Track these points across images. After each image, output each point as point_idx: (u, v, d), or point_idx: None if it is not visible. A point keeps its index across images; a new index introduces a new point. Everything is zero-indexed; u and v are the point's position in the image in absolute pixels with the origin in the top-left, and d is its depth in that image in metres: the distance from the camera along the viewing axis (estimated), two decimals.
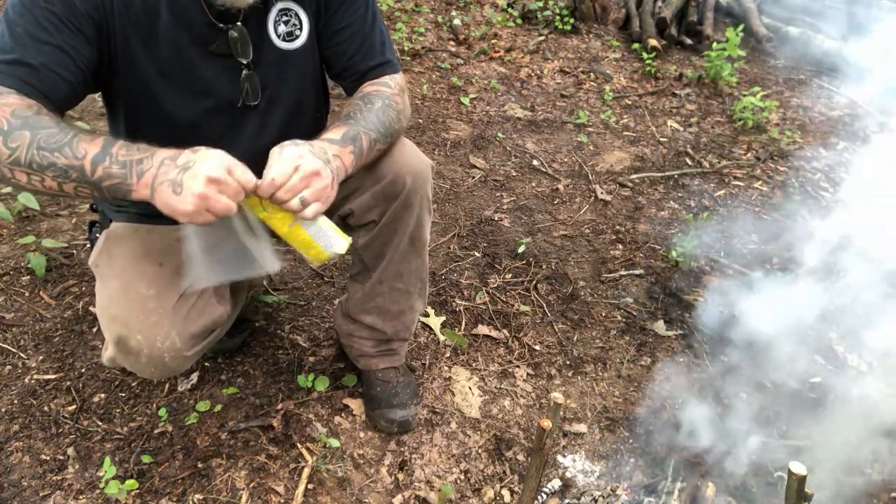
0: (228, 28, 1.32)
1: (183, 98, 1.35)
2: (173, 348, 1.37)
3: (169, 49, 1.30)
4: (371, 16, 1.47)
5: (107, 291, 1.39)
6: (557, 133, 3.47)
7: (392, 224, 1.58)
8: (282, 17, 1.38)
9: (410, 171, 1.53)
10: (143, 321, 1.35)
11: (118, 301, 1.36)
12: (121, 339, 1.36)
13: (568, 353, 2.16)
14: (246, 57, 1.36)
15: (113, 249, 1.44)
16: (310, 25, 1.41)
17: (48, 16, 1.18)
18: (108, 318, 1.37)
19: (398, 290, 1.72)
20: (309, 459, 1.71)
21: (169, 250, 1.44)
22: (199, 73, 1.34)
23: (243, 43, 1.34)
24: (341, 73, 1.51)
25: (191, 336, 1.40)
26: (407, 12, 4.38)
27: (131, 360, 1.40)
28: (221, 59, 1.34)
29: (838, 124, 3.83)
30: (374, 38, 1.47)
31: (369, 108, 1.42)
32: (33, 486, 1.58)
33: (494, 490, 1.72)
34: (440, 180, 2.94)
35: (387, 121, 1.43)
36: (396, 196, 1.53)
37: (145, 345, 1.35)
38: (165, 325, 1.36)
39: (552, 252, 2.60)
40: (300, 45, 1.42)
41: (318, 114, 1.61)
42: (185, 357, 1.42)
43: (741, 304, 2.29)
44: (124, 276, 1.38)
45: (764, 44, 4.62)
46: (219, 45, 1.33)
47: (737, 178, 3.24)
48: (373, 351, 1.83)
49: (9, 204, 2.33)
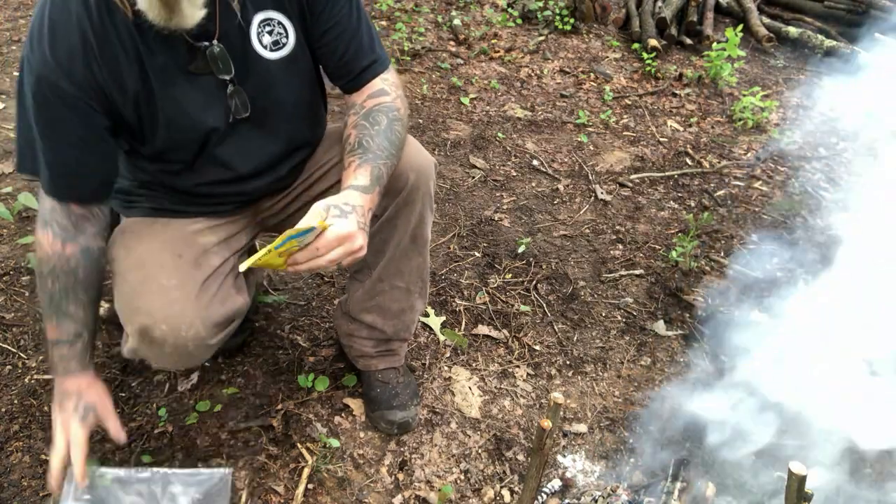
0: (206, 46, 1.30)
1: (178, 123, 1.35)
2: (197, 337, 1.38)
3: (158, 81, 1.29)
4: (356, 11, 1.46)
5: (127, 284, 1.39)
6: (557, 133, 3.47)
7: (393, 220, 1.58)
8: (265, 28, 1.36)
9: (413, 168, 1.54)
10: (167, 311, 1.35)
11: (140, 292, 1.37)
12: (145, 330, 1.36)
13: (568, 353, 2.16)
14: (227, 73, 1.34)
15: (129, 243, 1.45)
16: (296, 31, 1.40)
17: (63, 108, 1.24)
18: (130, 310, 1.38)
19: (398, 289, 1.72)
20: (309, 459, 1.71)
21: (186, 241, 1.46)
22: (188, 96, 1.33)
23: (223, 59, 1.32)
24: (335, 73, 1.51)
25: (214, 324, 1.41)
26: (407, 12, 4.38)
27: (155, 350, 1.40)
28: (204, 77, 1.33)
29: (838, 124, 3.83)
30: (361, 34, 1.47)
31: (377, 131, 1.41)
32: (33, 486, 1.58)
33: (494, 490, 1.72)
34: (440, 180, 2.94)
35: (395, 139, 1.44)
36: (399, 192, 1.53)
37: (170, 334, 1.36)
38: (189, 314, 1.37)
39: (552, 252, 2.60)
40: (289, 53, 1.41)
41: (317, 115, 1.61)
42: (209, 346, 1.43)
43: (741, 304, 2.29)
44: (144, 269, 1.39)
45: (764, 44, 4.62)
46: (197, 64, 1.31)
47: (737, 177, 3.24)
48: (372, 351, 1.83)
49: (9, 204, 2.33)
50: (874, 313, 2.16)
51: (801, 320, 2.15)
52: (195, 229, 1.50)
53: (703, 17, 4.72)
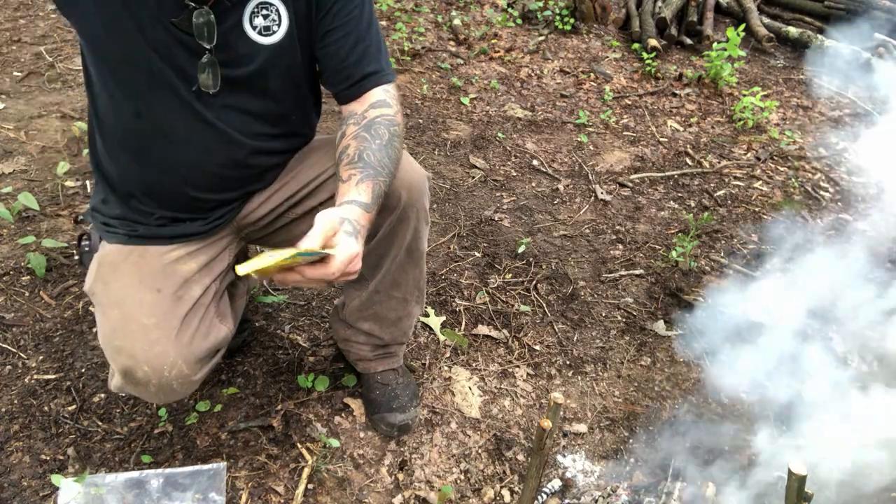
0: (196, 8, 1.26)
1: (127, 64, 1.29)
2: (181, 375, 1.36)
3: (131, 15, 1.24)
4: (367, 18, 1.42)
5: (108, 322, 1.37)
6: (557, 133, 3.47)
7: (389, 237, 1.56)
8: (260, 10, 1.33)
9: (406, 185, 1.49)
10: (148, 352, 1.33)
11: (121, 333, 1.35)
12: (128, 371, 1.34)
13: (568, 353, 2.16)
14: (208, 42, 1.29)
15: (107, 277, 1.41)
16: (290, 23, 1.36)
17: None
18: (112, 350, 1.36)
19: (395, 299, 1.71)
20: (309, 459, 1.71)
21: (165, 272, 1.42)
22: (151, 38, 1.26)
23: (208, 27, 1.27)
24: (334, 77, 1.44)
25: (196, 360, 1.39)
26: (407, 12, 4.38)
27: (140, 390, 1.38)
28: (182, 34, 1.28)
29: (838, 124, 3.83)
30: (369, 40, 1.42)
31: (378, 145, 1.36)
32: (33, 486, 1.58)
33: (494, 490, 1.72)
34: (440, 180, 2.94)
35: (395, 156, 1.39)
36: (392, 210, 1.50)
37: (153, 375, 1.34)
38: (171, 353, 1.34)
39: (552, 252, 2.60)
40: (277, 41, 1.36)
41: (300, 117, 1.55)
42: (194, 381, 1.41)
43: (741, 304, 2.29)
44: (123, 306, 1.36)
45: (764, 44, 4.62)
46: (182, 21, 1.26)
47: (737, 177, 3.24)
48: (370, 354, 1.83)
49: (9, 204, 2.33)
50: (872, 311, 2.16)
51: (800, 319, 2.16)
52: (174, 257, 1.45)
53: (703, 17, 4.72)
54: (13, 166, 2.61)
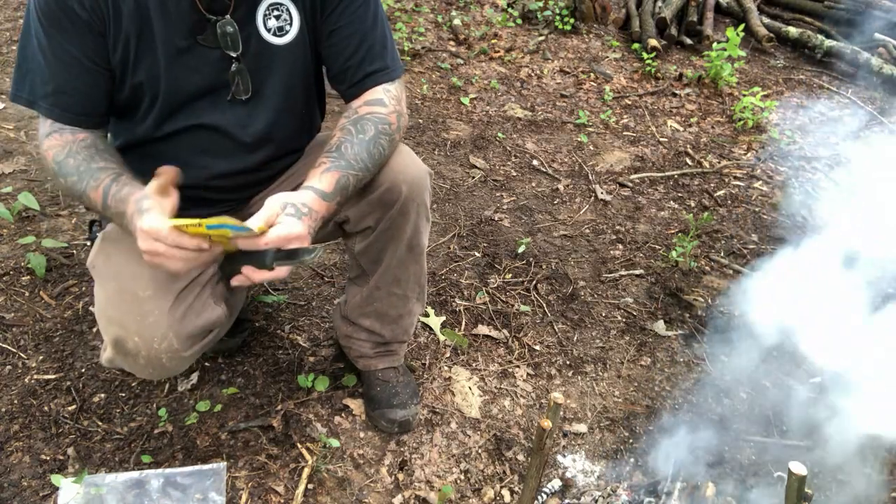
0: (218, 20, 1.31)
1: (173, 88, 1.36)
2: (170, 349, 1.37)
3: (162, 43, 1.30)
4: (372, 16, 1.44)
5: (104, 293, 1.38)
6: (557, 133, 3.47)
7: (389, 231, 1.57)
8: (272, 12, 1.37)
9: (406, 180, 1.51)
10: (140, 322, 1.34)
11: (115, 303, 1.36)
12: (118, 341, 1.36)
13: (568, 353, 2.16)
14: (235, 50, 1.35)
15: (109, 251, 1.43)
16: (301, 22, 1.40)
17: (66, 26, 1.25)
18: (105, 320, 1.37)
19: (396, 296, 1.71)
20: (309, 459, 1.71)
21: None
22: (187, 64, 1.34)
23: (233, 36, 1.34)
24: (339, 76, 1.48)
25: (188, 336, 1.40)
26: (407, 12, 4.38)
27: (129, 362, 1.40)
28: (210, 50, 1.34)
29: (838, 124, 3.83)
30: (374, 38, 1.44)
31: (360, 140, 1.39)
32: (33, 486, 1.58)
33: (494, 490, 1.72)
34: (440, 180, 2.94)
35: (376, 153, 1.41)
36: (392, 204, 1.51)
37: (142, 346, 1.35)
38: (162, 326, 1.35)
39: (552, 252, 2.60)
40: (290, 41, 1.40)
41: (308, 112, 1.59)
42: (183, 357, 1.42)
43: (741, 304, 2.29)
44: (121, 278, 1.38)
45: (764, 44, 4.62)
46: (207, 36, 1.32)
47: (737, 178, 3.24)
48: (371, 352, 1.83)
49: (9, 204, 2.33)
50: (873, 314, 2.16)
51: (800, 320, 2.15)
52: None
53: (703, 17, 4.72)
54: (13, 166, 2.61)
